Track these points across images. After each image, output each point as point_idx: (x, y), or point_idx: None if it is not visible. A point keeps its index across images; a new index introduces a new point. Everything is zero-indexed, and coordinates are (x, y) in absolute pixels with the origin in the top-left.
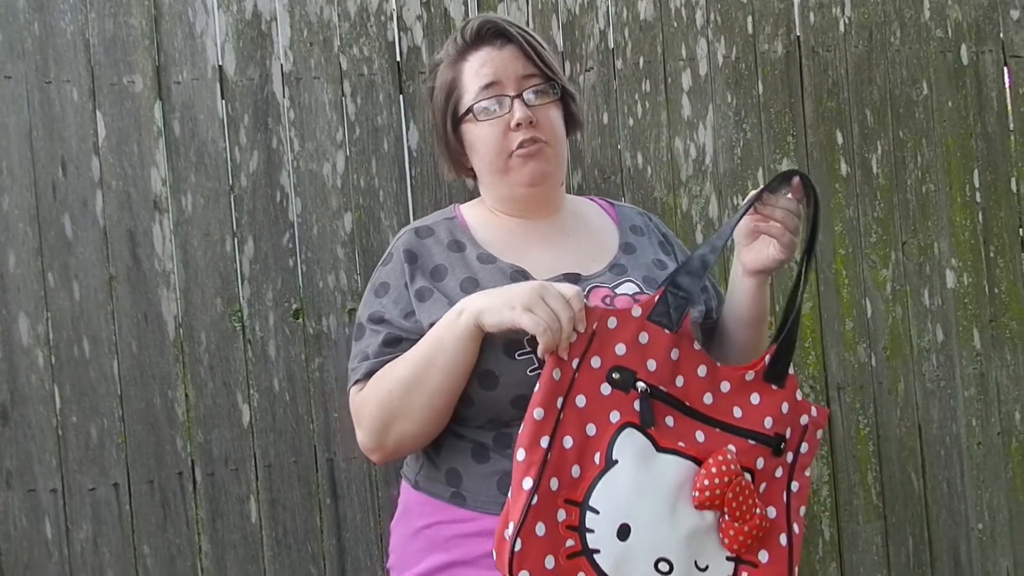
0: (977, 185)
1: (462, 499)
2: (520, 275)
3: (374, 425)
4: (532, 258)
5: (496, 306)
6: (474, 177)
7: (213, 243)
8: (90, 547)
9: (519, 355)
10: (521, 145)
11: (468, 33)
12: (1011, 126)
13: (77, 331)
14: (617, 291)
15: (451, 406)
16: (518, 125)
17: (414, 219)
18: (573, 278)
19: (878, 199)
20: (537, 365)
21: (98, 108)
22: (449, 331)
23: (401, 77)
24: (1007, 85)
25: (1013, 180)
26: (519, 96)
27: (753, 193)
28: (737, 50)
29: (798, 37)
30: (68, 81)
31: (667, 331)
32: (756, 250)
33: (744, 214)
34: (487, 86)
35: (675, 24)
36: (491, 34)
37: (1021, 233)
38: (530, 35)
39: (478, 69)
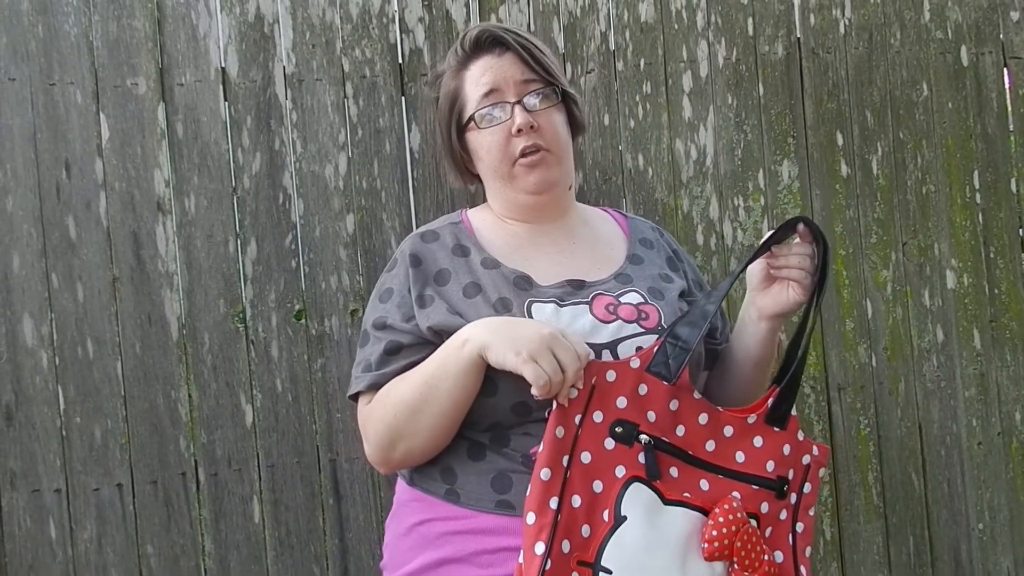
0: (977, 186)
1: (456, 496)
2: (523, 281)
3: (380, 442)
4: (537, 264)
5: (502, 347)
6: (481, 184)
7: (216, 244)
8: (94, 547)
9: None
10: (524, 152)
11: (467, 43)
12: (1011, 127)
13: (81, 332)
14: (621, 299)
15: (456, 425)
16: (519, 131)
17: (416, 220)
18: (577, 284)
19: (878, 200)
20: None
21: (102, 110)
22: (453, 359)
23: (403, 79)
24: (1007, 86)
25: (1013, 181)
26: (519, 102)
27: (761, 242)
28: (737, 52)
29: (798, 39)
30: (72, 83)
31: (665, 383)
32: (773, 294)
33: (747, 264)
34: (487, 94)
35: (676, 26)
36: (489, 42)
37: (1021, 234)
38: (528, 41)
39: (479, 78)
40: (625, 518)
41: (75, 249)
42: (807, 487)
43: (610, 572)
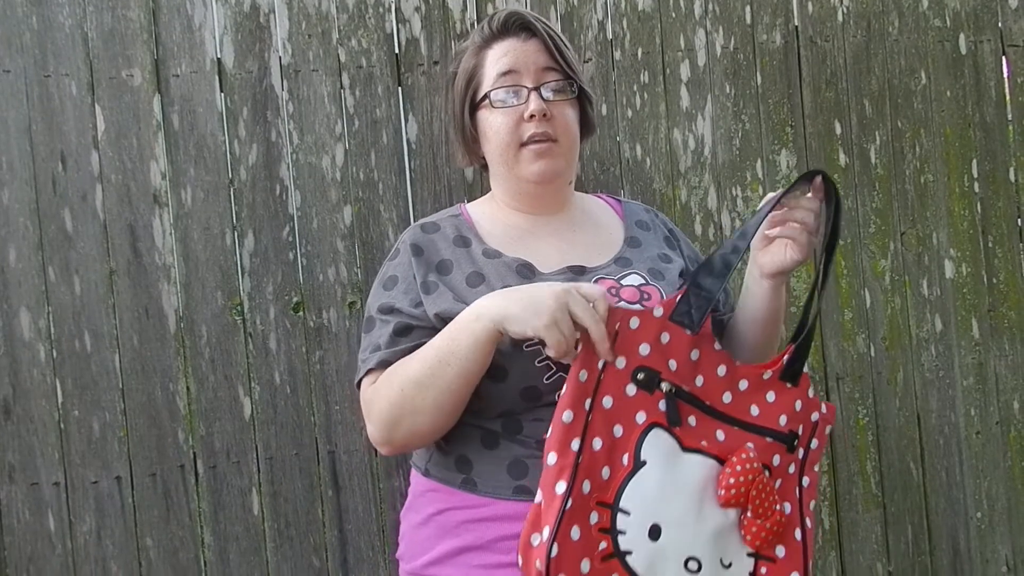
0: (975, 175)
1: (473, 485)
2: (526, 269)
3: (384, 420)
4: (538, 252)
5: (522, 316)
6: (486, 168)
7: (213, 237)
8: (93, 540)
9: (527, 347)
10: (532, 138)
11: (495, 23)
12: (1009, 116)
13: (78, 325)
14: (623, 282)
15: (461, 405)
16: (531, 116)
17: (413, 211)
18: (578, 270)
19: (877, 189)
20: (545, 356)
21: (97, 102)
22: (465, 334)
23: (400, 69)
24: (1005, 75)
25: (1011, 170)
26: (536, 89)
27: (773, 195)
28: (735, 40)
29: (796, 27)
30: (67, 75)
31: (688, 332)
32: (772, 252)
33: (767, 215)
34: (505, 73)
35: (673, 15)
36: (517, 26)
37: (1019, 223)
38: (555, 32)
39: (499, 57)
40: (644, 462)
41: (72, 242)
42: (814, 443)
43: (628, 513)
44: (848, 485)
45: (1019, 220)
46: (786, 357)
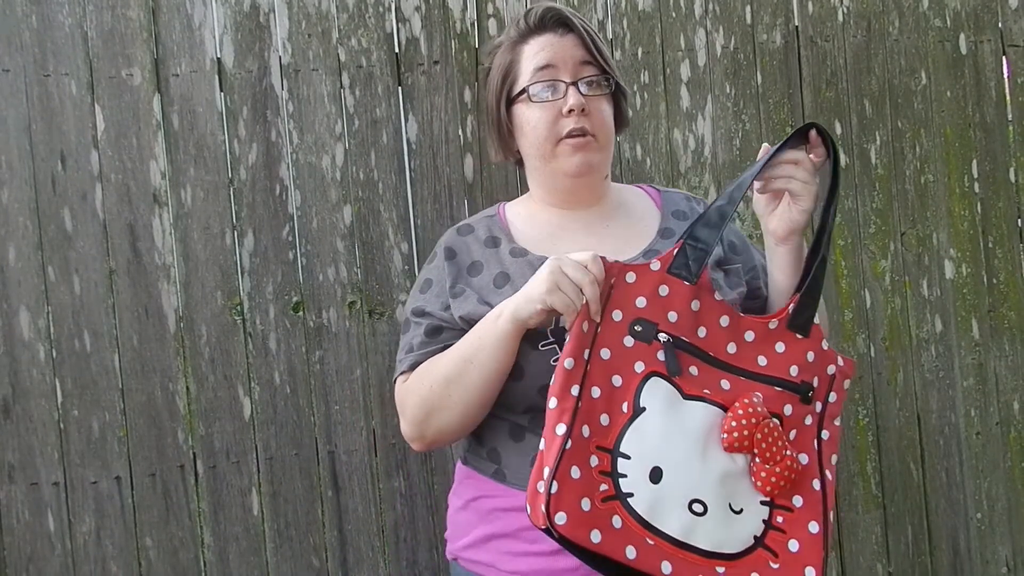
0: (976, 175)
1: (503, 476)
2: None
3: (415, 416)
4: (565, 249)
5: (527, 295)
6: (520, 164)
7: (213, 236)
8: (93, 540)
9: (542, 346)
10: (571, 133)
11: (532, 18)
12: (1009, 116)
13: (78, 325)
14: (646, 261)
15: (487, 403)
16: (570, 111)
17: (413, 211)
18: None
19: (877, 190)
20: (560, 355)
21: (97, 101)
22: (489, 332)
23: (400, 69)
24: (1006, 75)
25: (1012, 170)
26: (574, 83)
27: (767, 147)
28: (736, 40)
29: (796, 27)
30: (66, 74)
31: (687, 283)
32: (778, 215)
33: (762, 167)
34: (543, 67)
35: (673, 14)
36: (554, 22)
37: (1019, 223)
38: (591, 28)
39: (536, 52)
40: (644, 409)
41: (71, 241)
42: (832, 396)
43: (628, 457)
44: (848, 486)
45: (1019, 220)
46: (791, 306)
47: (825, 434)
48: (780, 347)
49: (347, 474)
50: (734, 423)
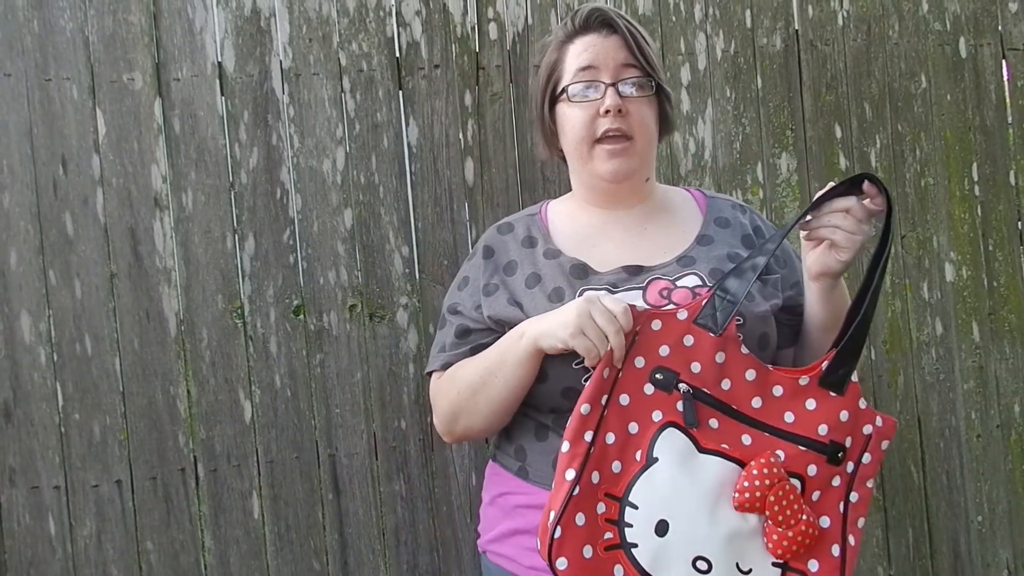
0: (976, 178)
1: (526, 473)
2: (579, 269)
3: (445, 416)
4: (599, 251)
5: (552, 330)
6: (565, 162)
7: (214, 240)
8: (93, 544)
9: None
10: (607, 134)
11: (577, 19)
12: (1009, 119)
13: (79, 328)
14: (678, 283)
15: (511, 409)
16: (607, 112)
17: (414, 215)
18: (634, 270)
19: None
20: (582, 358)
21: (98, 105)
22: (511, 351)
23: (400, 73)
24: (1005, 78)
25: (1012, 173)
26: (614, 85)
27: (817, 196)
28: (736, 44)
29: (796, 31)
30: (68, 78)
31: (712, 334)
32: (816, 254)
33: (800, 219)
34: (584, 68)
35: (674, 18)
36: (599, 23)
37: (1020, 226)
38: (637, 29)
39: (580, 53)
40: (657, 459)
41: (72, 245)
42: (867, 457)
43: (637, 507)
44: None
45: (1019, 223)
46: (825, 363)
47: (855, 496)
48: (811, 404)
49: (348, 477)
50: (746, 483)
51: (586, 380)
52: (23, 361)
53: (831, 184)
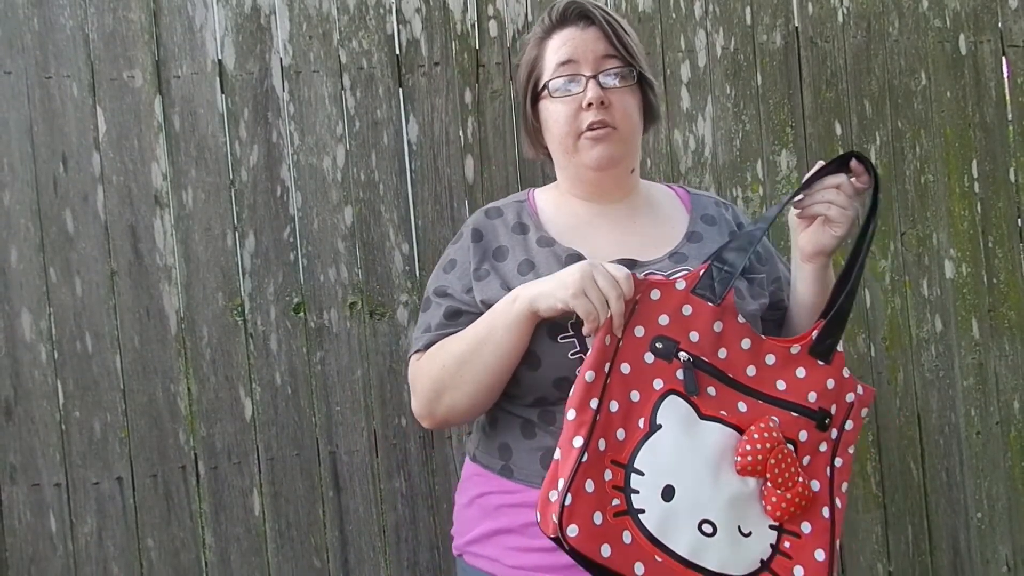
0: (975, 175)
1: (510, 472)
2: (574, 260)
3: (426, 394)
4: (592, 243)
5: (551, 291)
6: (551, 159)
7: (214, 238)
8: (94, 541)
9: (561, 338)
10: (591, 127)
11: (554, 14)
12: (1009, 116)
13: (79, 326)
14: (672, 279)
15: (499, 385)
16: (589, 105)
17: (414, 212)
18: (629, 264)
19: None
20: (579, 349)
21: (98, 103)
22: (503, 315)
23: (400, 70)
24: (1005, 75)
25: (1011, 170)
26: (594, 77)
27: (807, 177)
28: (736, 41)
29: (796, 28)
30: (68, 76)
31: (710, 304)
32: (810, 233)
33: (796, 195)
34: (564, 63)
35: (673, 15)
36: (576, 15)
37: (1019, 223)
38: (614, 19)
39: (558, 47)
40: (660, 426)
41: (73, 243)
42: (849, 424)
43: (642, 473)
44: (848, 485)
45: (1019, 220)
46: (815, 332)
47: (839, 461)
48: (800, 372)
49: (348, 475)
50: (749, 447)
51: (579, 371)
52: (24, 359)
53: (820, 163)
